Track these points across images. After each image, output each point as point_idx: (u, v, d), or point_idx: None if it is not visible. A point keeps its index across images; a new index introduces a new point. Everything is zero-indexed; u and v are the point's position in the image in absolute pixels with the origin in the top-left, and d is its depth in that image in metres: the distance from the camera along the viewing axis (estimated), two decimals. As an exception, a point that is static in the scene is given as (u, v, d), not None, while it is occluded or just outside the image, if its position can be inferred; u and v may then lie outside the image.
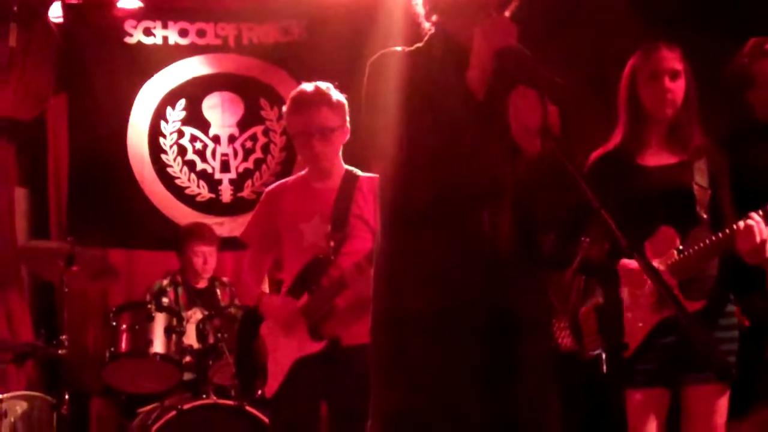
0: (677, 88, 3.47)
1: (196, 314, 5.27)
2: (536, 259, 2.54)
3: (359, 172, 3.84)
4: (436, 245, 2.42)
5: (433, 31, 2.57)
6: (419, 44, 2.58)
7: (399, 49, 2.57)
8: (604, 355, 3.54)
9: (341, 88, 3.83)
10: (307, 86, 3.81)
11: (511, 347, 2.43)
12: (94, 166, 6.51)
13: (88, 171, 6.51)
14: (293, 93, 3.85)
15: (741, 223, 3.24)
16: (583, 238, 3.46)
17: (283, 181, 4.03)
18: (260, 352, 3.86)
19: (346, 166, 3.87)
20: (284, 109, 3.87)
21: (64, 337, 5.00)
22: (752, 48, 3.75)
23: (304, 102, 3.76)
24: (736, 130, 3.83)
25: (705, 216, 3.40)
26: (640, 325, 3.38)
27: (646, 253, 3.38)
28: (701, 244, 3.32)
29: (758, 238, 3.20)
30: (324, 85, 3.80)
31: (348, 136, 3.82)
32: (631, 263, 3.36)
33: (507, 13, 2.48)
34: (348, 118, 3.80)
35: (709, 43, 4.43)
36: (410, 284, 2.45)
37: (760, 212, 3.25)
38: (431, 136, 2.36)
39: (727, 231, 3.28)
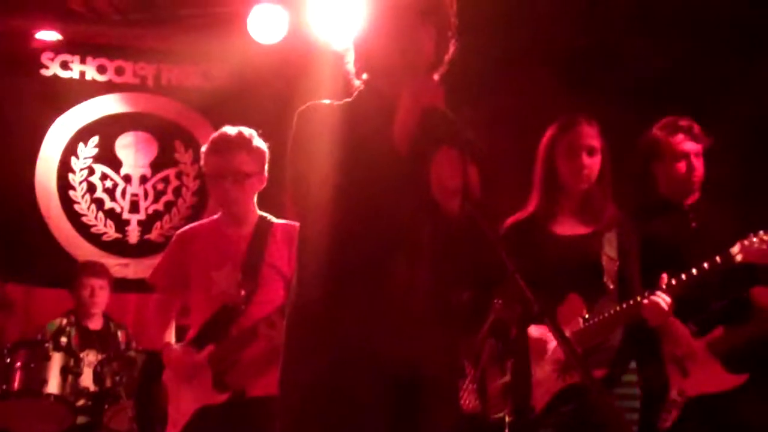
0: (593, 163, 3.57)
1: (89, 356, 5.15)
2: (450, 317, 2.55)
3: (273, 219, 3.81)
4: (352, 297, 2.42)
5: (362, 87, 2.60)
6: (348, 99, 2.61)
7: (327, 102, 2.59)
8: (506, 419, 3.56)
9: (264, 137, 3.82)
10: (230, 129, 3.78)
11: (419, 407, 2.42)
12: (-1, 197, 6.35)
13: (-9, 202, 6.35)
14: (215, 134, 3.82)
15: (647, 300, 3.34)
16: (495, 300, 3.50)
17: (195, 224, 3.97)
18: (162, 398, 3.76)
19: (261, 213, 3.83)
20: (202, 150, 3.84)
21: (-46, 372, 4.83)
22: (665, 123, 3.90)
23: (222, 144, 3.73)
24: (641, 203, 3.95)
25: (612, 286, 3.48)
26: (543, 391, 3.42)
27: (557, 319, 3.44)
28: (606, 314, 3.40)
29: (665, 309, 3.31)
30: (247, 131, 3.78)
31: (264, 184, 3.80)
32: (533, 332, 3.41)
33: (435, 76, 2.52)
34: (266, 167, 3.78)
35: (626, 115, 4.58)
36: (323, 336, 2.43)
37: (664, 285, 3.36)
38: (354, 188, 2.37)
39: (631, 302, 3.37)
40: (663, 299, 3.35)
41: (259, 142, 3.78)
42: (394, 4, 2.51)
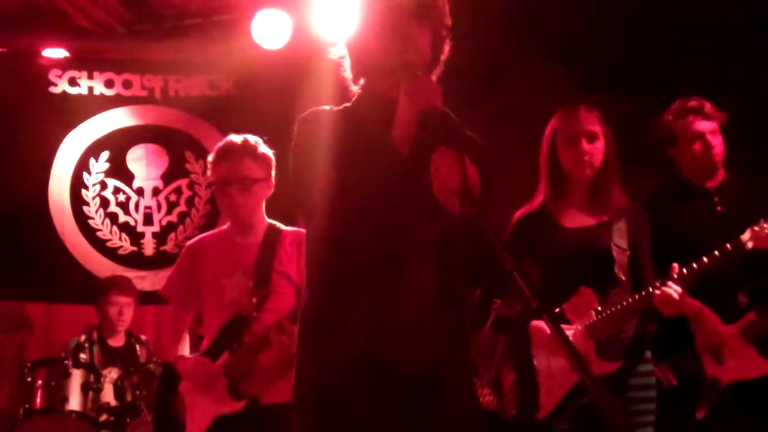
0: (595, 150, 3.54)
1: (112, 373, 5.16)
2: (460, 316, 2.54)
3: (282, 226, 3.82)
4: (360, 301, 2.41)
5: (360, 91, 2.60)
6: (347, 104, 2.61)
7: (328, 107, 2.60)
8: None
9: (270, 144, 3.82)
10: (236, 138, 3.79)
11: (436, 404, 2.42)
12: (14, 216, 6.40)
13: (7, 221, 6.39)
14: (221, 143, 3.83)
15: (658, 291, 3.31)
16: (495, 299, 3.49)
17: (204, 235, 3.98)
18: (179, 410, 3.78)
19: (269, 220, 3.84)
20: (209, 159, 3.85)
21: (-24, 392, 4.86)
22: (676, 106, 3.87)
23: (228, 152, 3.75)
24: (660, 189, 3.91)
25: (623, 277, 3.45)
26: (558, 385, 3.40)
27: (559, 316, 3.42)
28: (618, 306, 3.38)
29: (677, 299, 3.28)
30: (253, 139, 3.80)
31: (272, 191, 3.81)
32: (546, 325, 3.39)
33: (433, 75, 2.52)
34: (273, 173, 3.78)
35: (635, 104, 4.55)
36: (335, 340, 2.44)
37: (676, 275, 3.33)
38: (357, 192, 2.37)
39: (644, 293, 3.35)
40: (674, 289, 3.31)
41: (264, 149, 3.79)
42: (388, 5, 2.51)
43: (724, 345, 3.57)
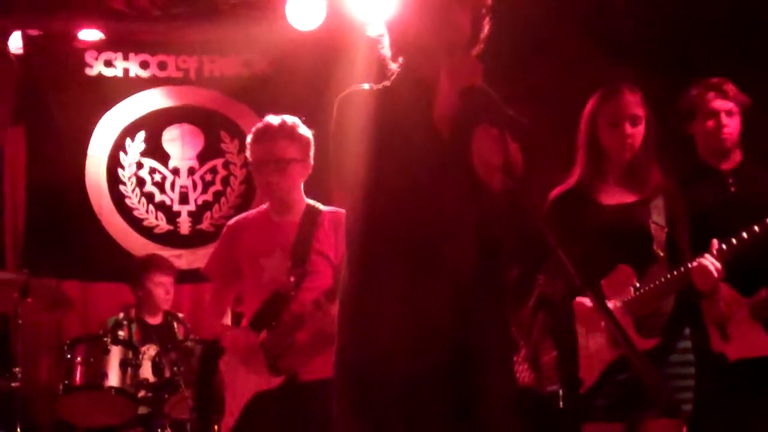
0: (637, 132, 3.54)
1: (150, 350, 5.21)
2: (500, 295, 2.56)
3: (321, 207, 3.84)
4: (401, 280, 2.43)
5: (399, 71, 2.60)
6: (386, 83, 2.61)
7: (366, 86, 2.60)
8: (561, 391, 3.56)
9: (307, 123, 3.84)
10: (274, 119, 3.82)
11: (475, 382, 2.44)
12: (52, 197, 6.46)
13: (45, 202, 6.46)
14: (259, 124, 3.86)
15: (695, 263, 3.31)
16: (538, 276, 3.50)
17: (244, 214, 4.02)
18: (219, 387, 3.83)
19: (308, 201, 3.87)
20: (247, 140, 3.88)
21: (17, 369, 4.94)
22: (700, 83, 3.88)
23: (265, 133, 3.78)
24: (680, 170, 3.91)
25: (662, 254, 3.45)
26: (597, 361, 3.41)
27: (601, 292, 3.42)
28: (657, 282, 3.38)
29: (715, 275, 3.28)
30: (290, 120, 3.81)
31: (310, 171, 3.83)
32: (588, 301, 3.39)
33: (473, 53, 2.52)
34: (312, 154, 3.81)
35: (671, 80, 4.53)
36: (375, 320, 2.46)
37: (715, 251, 3.33)
38: (397, 172, 2.39)
39: (682, 269, 3.35)
40: (712, 263, 3.31)
41: (303, 130, 3.81)
42: None
43: (733, 322, 3.56)
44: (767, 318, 3.56)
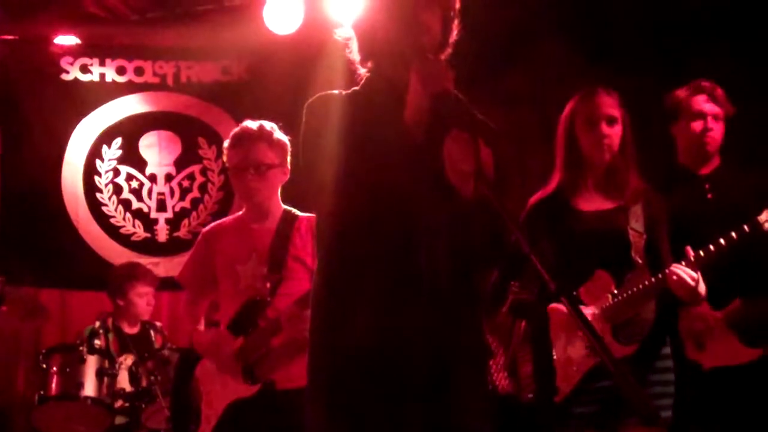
0: (614, 133, 3.52)
1: (127, 359, 5.17)
2: (474, 300, 2.53)
3: (298, 213, 3.82)
4: (374, 283, 2.41)
5: (368, 75, 2.57)
6: (355, 88, 2.59)
7: (336, 92, 2.58)
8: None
9: (283, 129, 3.82)
10: (251, 124, 3.80)
11: (449, 384, 2.42)
12: (28, 203, 6.41)
13: (20, 209, 6.41)
14: (236, 129, 3.84)
15: (671, 270, 3.28)
16: (512, 282, 3.48)
17: (220, 221, 3.99)
18: (195, 395, 3.79)
19: (285, 206, 3.84)
20: (224, 145, 3.85)
21: (-7, 379, 4.89)
22: (689, 85, 3.87)
23: (243, 137, 3.76)
24: (660, 173, 3.90)
25: (640, 260, 3.43)
26: (575, 368, 3.39)
27: (576, 298, 3.40)
28: (634, 289, 3.36)
29: (691, 283, 3.25)
30: (268, 125, 3.80)
31: (287, 177, 3.80)
32: (565, 309, 3.36)
33: (443, 57, 2.50)
34: (289, 159, 3.78)
35: (649, 84, 4.53)
36: (347, 322, 2.43)
37: (692, 256, 3.30)
38: (369, 176, 2.37)
39: (660, 276, 3.32)
40: (686, 270, 3.28)
41: (280, 135, 3.80)
42: None
43: (707, 331, 3.55)
44: (741, 327, 3.54)
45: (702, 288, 3.29)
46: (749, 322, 3.53)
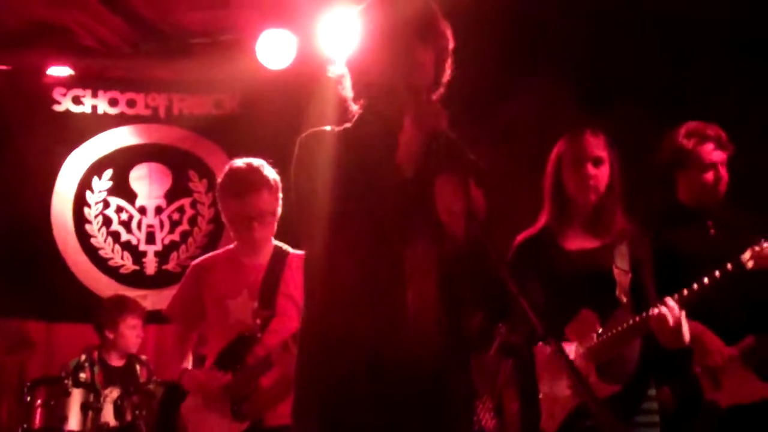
0: (600, 174, 3.54)
1: (113, 393, 5.13)
2: (461, 340, 2.52)
3: (289, 249, 3.81)
4: (361, 322, 2.40)
5: (361, 112, 2.58)
6: (347, 125, 2.59)
7: (328, 128, 2.58)
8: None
9: (274, 164, 3.80)
10: (241, 165, 3.76)
11: (436, 423, 2.40)
12: (16, 233, 6.36)
13: (9, 239, 6.35)
14: (229, 172, 3.79)
15: (655, 310, 3.27)
16: (499, 324, 3.47)
17: (210, 254, 3.98)
18: (180, 430, 3.75)
19: (276, 242, 3.83)
20: (218, 192, 3.82)
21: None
22: (692, 130, 3.83)
23: (243, 185, 3.71)
24: (659, 212, 3.90)
25: (625, 299, 3.43)
26: (560, 408, 3.38)
27: (563, 339, 3.40)
28: (618, 329, 3.36)
29: (672, 323, 3.23)
30: (257, 163, 3.77)
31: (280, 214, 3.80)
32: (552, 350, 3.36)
33: (435, 97, 2.50)
34: (281, 195, 3.77)
35: (641, 123, 4.55)
36: (334, 361, 2.42)
37: (676, 296, 3.30)
38: (360, 214, 2.37)
39: (644, 315, 3.32)
40: (671, 309, 3.27)
41: (273, 175, 3.77)
42: (393, 24, 2.49)
43: (723, 369, 3.54)
44: (757, 364, 3.53)
45: (686, 329, 3.27)
46: (766, 358, 3.51)
